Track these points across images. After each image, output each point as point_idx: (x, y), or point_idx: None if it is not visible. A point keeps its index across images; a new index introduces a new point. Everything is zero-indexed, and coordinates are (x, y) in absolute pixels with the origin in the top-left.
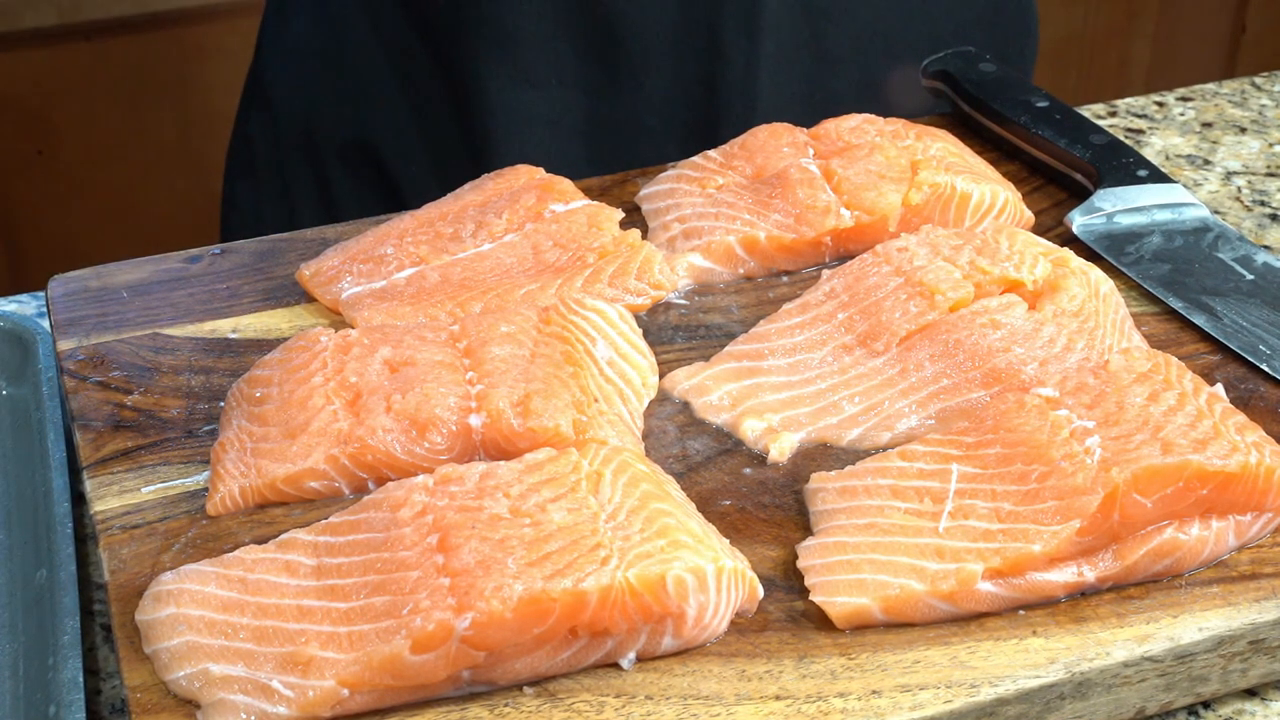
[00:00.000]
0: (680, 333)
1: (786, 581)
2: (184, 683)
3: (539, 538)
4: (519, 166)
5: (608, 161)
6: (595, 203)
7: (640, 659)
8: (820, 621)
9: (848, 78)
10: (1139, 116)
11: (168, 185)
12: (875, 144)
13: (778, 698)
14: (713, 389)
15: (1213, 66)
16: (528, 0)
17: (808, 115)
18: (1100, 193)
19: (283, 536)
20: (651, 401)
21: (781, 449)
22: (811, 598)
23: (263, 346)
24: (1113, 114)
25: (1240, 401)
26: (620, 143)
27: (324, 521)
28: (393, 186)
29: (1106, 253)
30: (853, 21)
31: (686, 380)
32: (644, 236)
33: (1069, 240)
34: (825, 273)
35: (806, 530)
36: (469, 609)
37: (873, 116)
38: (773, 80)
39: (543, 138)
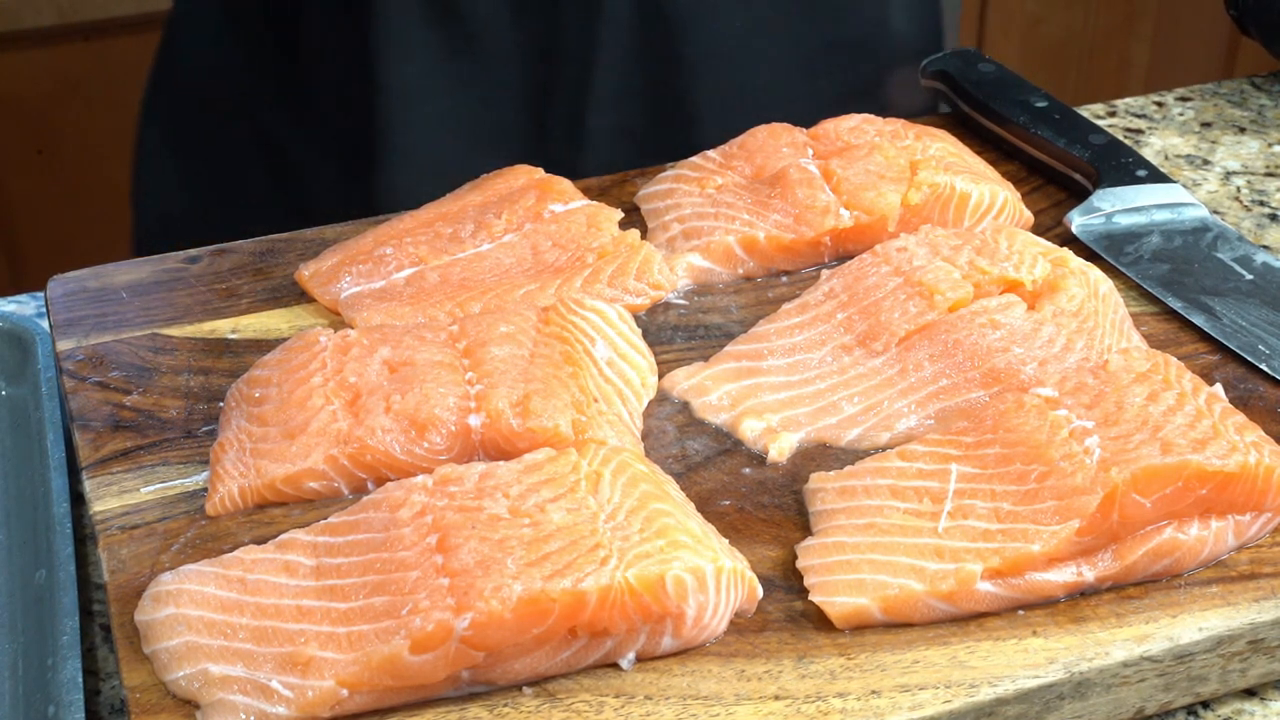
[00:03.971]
0: (679, 333)
1: (786, 581)
2: (183, 683)
3: (538, 538)
4: (518, 166)
5: (462, 128)
6: (594, 203)
7: (639, 659)
8: (819, 621)
9: (705, 90)
10: (1138, 116)
11: None
12: (874, 144)
13: (777, 698)
14: (712, 389)
15: (1212, 66)
16: None
17: (648, 117)
18: (1099, 193)
19: (282, 537)
20: (651, 401)
21: (781, 449)
22: (811, 598)
23: (262, 347)
24: (1112, 114)
25: (1239, 401)
26: (472, 112)
27: (323, 522)
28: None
29: (1106, 253)
30: (708, 35)
31: (686, 380)
32: (643, 236)
33: (1068, 240)
34: (824, 273)
35: (806, 530)
36: (468, 609)
37: (871, 116)
38: (612, 72)
39: (398, 104)
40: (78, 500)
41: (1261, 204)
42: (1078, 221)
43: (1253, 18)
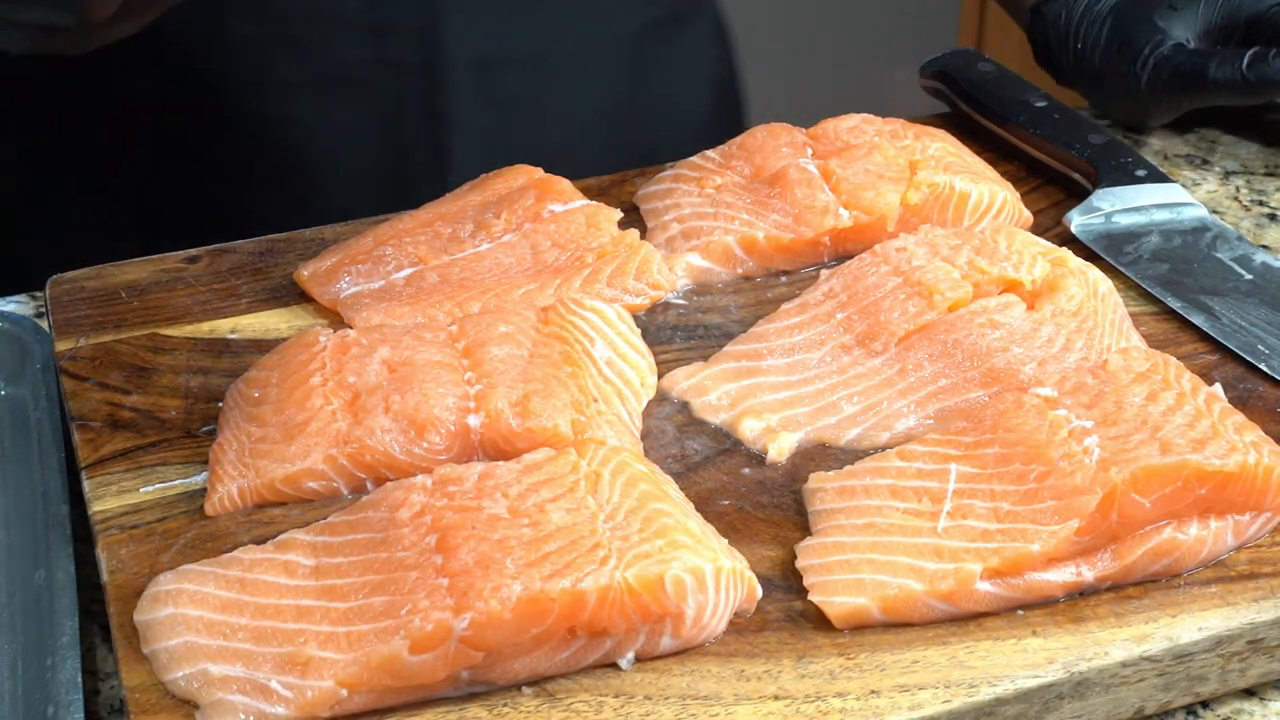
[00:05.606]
0: (679, 333)
1: (785, 581)
2: (182, 683)
3: (538, 538)
4: (518, 166)
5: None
6: (594, 203)
7: (639, 659)
8: (819, 621)
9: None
10: None
11: None
12: (874, 144)
13: (776, 698)
14: (711, 389)
15: None
16: None
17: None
18: (1099, 192)
19: (281, 537)
20: (650, 401)
21: (780, 449)
22: (810, 598)
23: (261, 347)
24: None
25: (1239, 401)
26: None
27: (322, 522)
28: None
29: (1105, 252)
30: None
31: (685, 380)
32: (642, 236)
33: (1067, 240)
34: (824, 273)
35: (805, 530)
36: (467, 609)
37: (871, 116)
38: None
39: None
40: (77, 500)
41: (1261, 204)
42: (1077, 221)
43: (1073, 71)
